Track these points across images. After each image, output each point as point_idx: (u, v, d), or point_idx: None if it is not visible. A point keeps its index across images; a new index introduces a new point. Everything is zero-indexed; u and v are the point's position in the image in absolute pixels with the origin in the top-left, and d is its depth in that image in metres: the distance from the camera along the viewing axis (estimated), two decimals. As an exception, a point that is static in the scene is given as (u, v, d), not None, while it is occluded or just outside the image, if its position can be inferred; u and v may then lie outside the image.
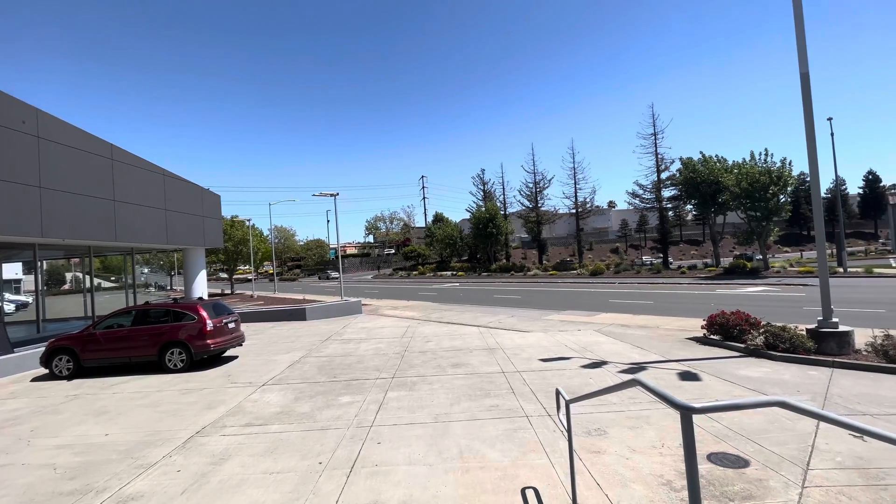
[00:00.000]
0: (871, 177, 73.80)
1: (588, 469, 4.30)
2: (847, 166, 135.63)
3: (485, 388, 7.34)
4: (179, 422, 6.44)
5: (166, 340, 9.85)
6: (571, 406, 3.61)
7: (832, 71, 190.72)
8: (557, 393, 3.81)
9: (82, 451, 5.52)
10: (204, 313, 10.04)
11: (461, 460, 4.64)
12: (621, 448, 4.75)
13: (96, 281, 17.62)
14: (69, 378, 9.81)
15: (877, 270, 27.16)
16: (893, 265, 31.60)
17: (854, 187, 77.71)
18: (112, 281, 20.82)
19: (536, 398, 6.65)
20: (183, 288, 21.72)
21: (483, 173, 67.77)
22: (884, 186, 72.82)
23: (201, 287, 19.90)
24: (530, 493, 3.91)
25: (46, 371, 10.08)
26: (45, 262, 16.25)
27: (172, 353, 9.84)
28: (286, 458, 4.91)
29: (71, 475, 4.80)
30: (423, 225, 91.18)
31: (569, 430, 3.59)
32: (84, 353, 9.94)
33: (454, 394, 7.08)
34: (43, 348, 10.25)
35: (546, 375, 7.92)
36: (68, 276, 19.37)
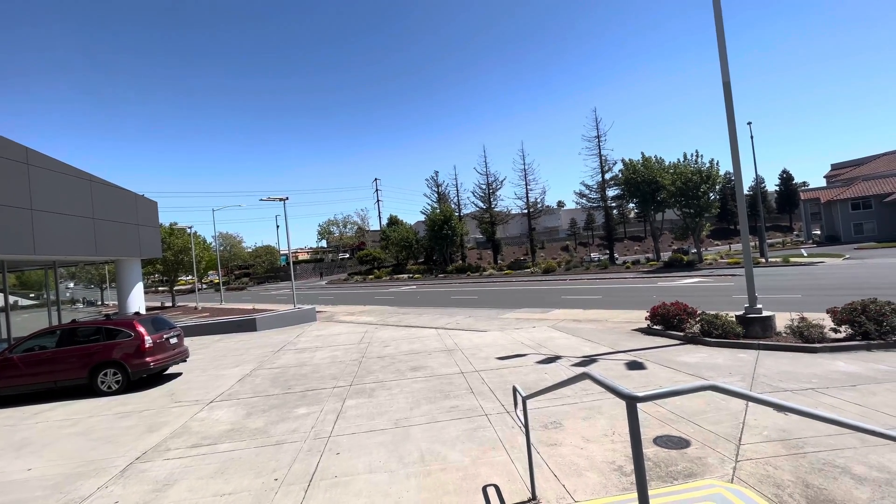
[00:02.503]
0: (785, 175, 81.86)
1: (546, 462, 4.45)
2: (765, 166, 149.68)
3: (444, 389, 7.38)
4: (116, 448, 5.94)
5: (99, 361, 9.05)
6: (528, 401, 3.72)
7: (751, 78, 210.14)
8: (514, 390, 3.91)
9: (0, 490, 4.94)
10: (141, 329, 9.33)
11: (422, 464, 4.64)
12: (576, 439, 4.95)
13: (12, 299, 15.88)
14: (-19, 409, 8.74)
15: (793, 260, 30.17)
16: (805, 255, 35.26)
17: (771, 185, 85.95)
18: (31, 298, 18.83)
19: (495, 396, 6.77)
20: (116, 302, 20.02)
21: (437, 175, 67.86)
22: (796, 184, 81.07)
23: (138, 301, 18.43)
24: (491, 491, 3.98)
25: (-48, 403, 8.93)
26: (-54, 280, 14.39)
27: (106, 375, 9.06)
28: (239, 478, 4.67)
29: (-14, 518, 4.30)
30: (378, 228, 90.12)
31: (526, 426, 3.70)
32: (-1, 381, 8.91)
33: (414, 397, 7.06)
34: (-53, 378, 9.06)
35: (504, 373, 8.09)
36: (-23, 294, 17.30)
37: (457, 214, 60.23)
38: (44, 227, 12.73)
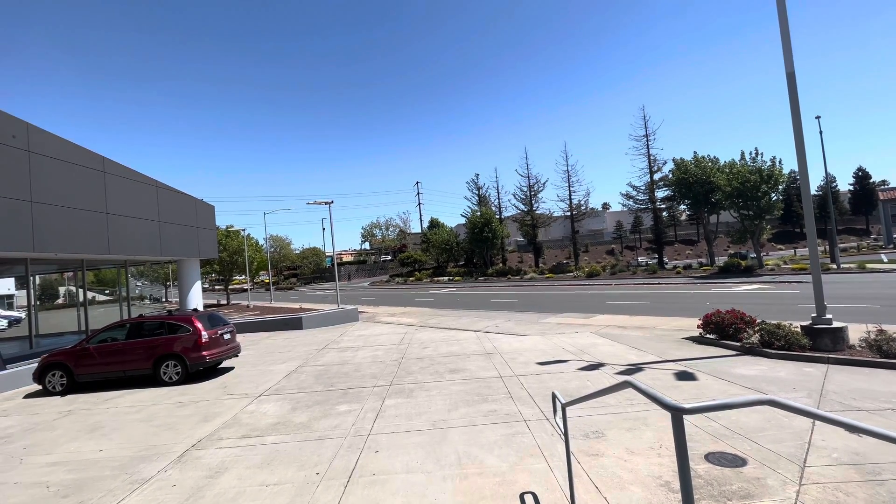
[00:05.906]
0: (860, 173, 74.48)
1: (586, 472, 4.29)
2: (837, 163, 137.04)
3: (482, 393, 7.32)
4: (175, 435, 6.38)
5: (161, 353, 9.77)
6: (569, 409, 3.61)
7: (821, 68, 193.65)
8: (554, 396, 3.81)
9: (76, 467, 5.45)
10: (199, 325, 9.98)
11: (459, 467, 4.62)
12: (619, 450, 4.74)
13: (90, 294, 17.49)
14: (62, 394, 9.69)
15: (869, 266, 27.36)
16: (885, 260, 31.89)
17: (844, 184, 78.49)
18: (106, 294, 20.68)
19: (534, 402, 6.63)
20: (178, 299, 21.56)
21: (477, 178, 67.96)
22: (874, 183, 73.60)
23: (196, 298, 19.77)
24: (529, 499, 3.89)
25: (40, 387, 9.97)
26: (37, 276, 16.14)
27: (167, 366, 9.76)
28: (283, 470, 4.87)
29: (64, 493, 4.74)
30: (419, 231, 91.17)
31: (565, 434, 3.58)
32: (78, 368, 9.84)
33: (452, 400, 7.05)
34: (36, 364, 10.13)
35: (544, 379, 7.91)
36: (62, 290, 19.23)
37: (497, 217, 59.77)
38: (117, 229, 13.96)
